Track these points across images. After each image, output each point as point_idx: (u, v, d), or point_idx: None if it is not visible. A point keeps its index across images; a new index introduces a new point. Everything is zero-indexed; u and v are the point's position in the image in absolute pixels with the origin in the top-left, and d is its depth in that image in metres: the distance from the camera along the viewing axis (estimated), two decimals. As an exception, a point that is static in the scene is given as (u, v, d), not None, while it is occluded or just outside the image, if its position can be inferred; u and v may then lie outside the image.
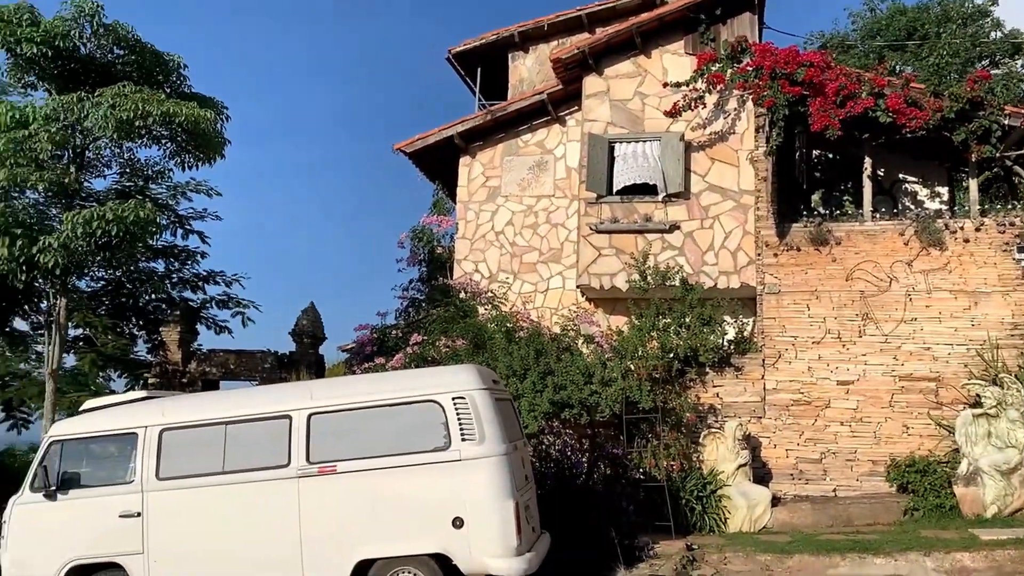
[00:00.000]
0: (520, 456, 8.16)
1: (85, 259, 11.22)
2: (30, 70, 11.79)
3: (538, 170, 14.98)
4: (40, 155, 11.00)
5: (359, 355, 13.92)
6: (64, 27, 11.28)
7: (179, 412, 8.10)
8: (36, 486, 7.94)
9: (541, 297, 14.54)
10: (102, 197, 12.76)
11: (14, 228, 10.62)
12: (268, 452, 7.70)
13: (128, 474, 7.92)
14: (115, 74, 11.79)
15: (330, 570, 7.41)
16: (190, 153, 12.16)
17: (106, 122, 10.82)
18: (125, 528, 7.70)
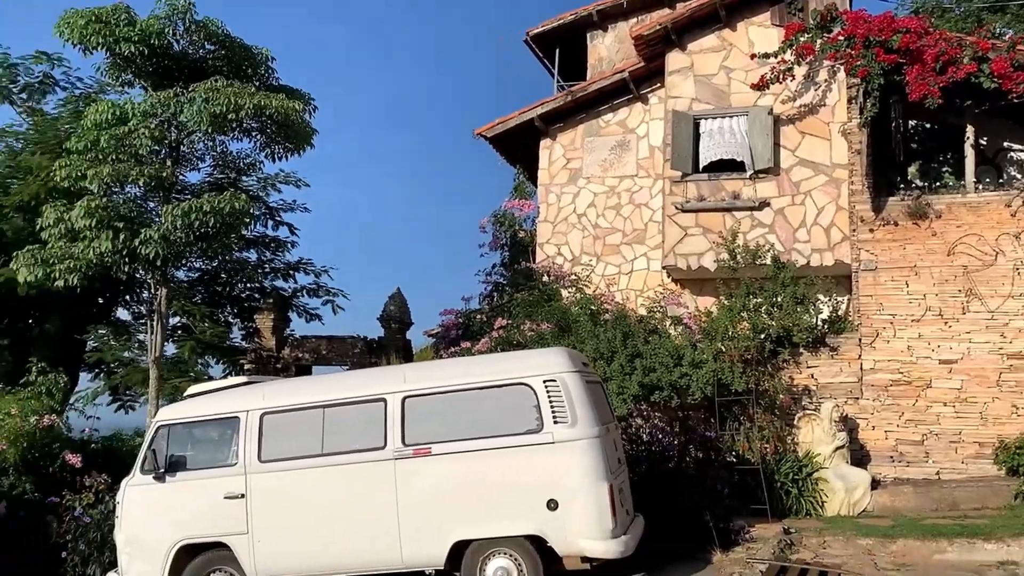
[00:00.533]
0: (612, 439, 8.11)
1: (183, 250, 11.61)
2: (127, 68, 12.21)
3: (620, 150, 14.80)
4: (139, 151, 11.39)
5: (445, 339, 14.07)
6: (158, 25, 11.64)
7: (279, 396, 8.31)
8: (146, 468, 8.26)
9: (625, 279, 14.40)
10: (196, 190, 13.22)
11: (117, 222, 11.06)
12: (364, 434, 7.83)
13: (231, 457, 8.16)
14: (207, 69, 12.11)
15: (427, 550, 7.52)
16: (279, 144, 12.42)
17: (200, 117, 11.13)
18: (230, 509, 7.94)
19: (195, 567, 8.02)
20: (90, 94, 14.64)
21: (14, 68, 14.69)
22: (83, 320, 15.07)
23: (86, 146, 11.30)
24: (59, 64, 14.78)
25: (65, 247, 10.98)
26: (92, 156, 11.32)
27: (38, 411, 11.23)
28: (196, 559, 8.04)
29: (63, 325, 14.53)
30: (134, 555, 8.17)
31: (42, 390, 11.96)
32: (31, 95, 14.94)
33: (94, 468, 10.80)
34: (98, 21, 11.35)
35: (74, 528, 9.82)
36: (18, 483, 10.53)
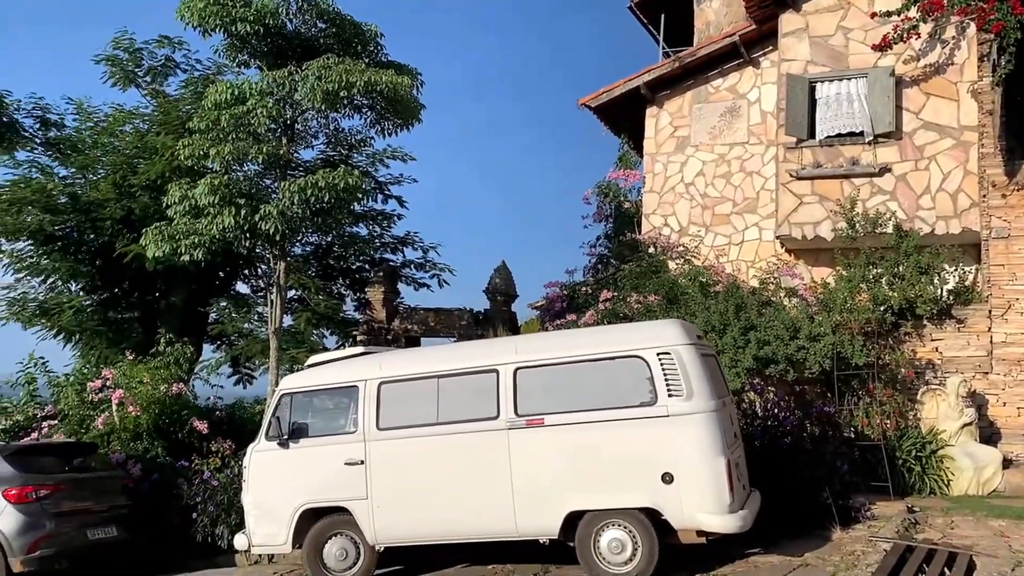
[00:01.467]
0: (728, 413, 7.95)
1: (300, 225, 11.96)
2: (243, 49, 12.58)
3: (730, 116, 14.39)
4: (257, 129, 11.75)
5: (549, 312, 14.08)
6: (272, 5, 11.92)
7: (395, 366, 8.50)
8: (271, 435, 8.59)
9: (736, 250, 14.04)
10: (310, 167, 13.57)
11: (238, 198, 11.47)
12: (478, 404, 7.93)
13: (350, 424, 8.41)
14: (318, 48, 12.37)
15: (541, 520, 7.58)
16: (389, 120, 12.60)
17: (313, 94, 11.38)
18: (350, 475, 8.20)
19: (318, 530, 8.33)
20: (209, 76, 15.18)
21: (139, 53, 15.36)
22: (206, 293, 15.79)
23: (207, 125, 11.73)
24: (180, 47, 15.38)
25: (189, 223, 11.47)
26: (213, 135, 11.75)
27: (167, 380, 11.86)
28: (319, 522, 8.35)
29: (188, 298, 15.27)
30: (261, 517, 8.55)
31: (170, 360, 12.58)
32: (155, 78, 15.61)
33: (219, 434, 11.38)
34: (216, 3, 11.70)
35: (203, 491, 10.36)
36: (151, 447, 11.19)
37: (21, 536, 8.85)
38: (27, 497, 9.00)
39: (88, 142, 15.39)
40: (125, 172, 14.38)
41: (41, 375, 12.60)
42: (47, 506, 9.12)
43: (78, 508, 9.45)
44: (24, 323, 15.14)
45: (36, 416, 11.93)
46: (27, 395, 12.44)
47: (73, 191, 14.70)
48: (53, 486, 9.27)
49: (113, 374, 11.73)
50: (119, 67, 15.25)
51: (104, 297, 15.47)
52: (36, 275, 15.28)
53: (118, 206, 14.35)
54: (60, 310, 15.10)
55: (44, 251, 14.83)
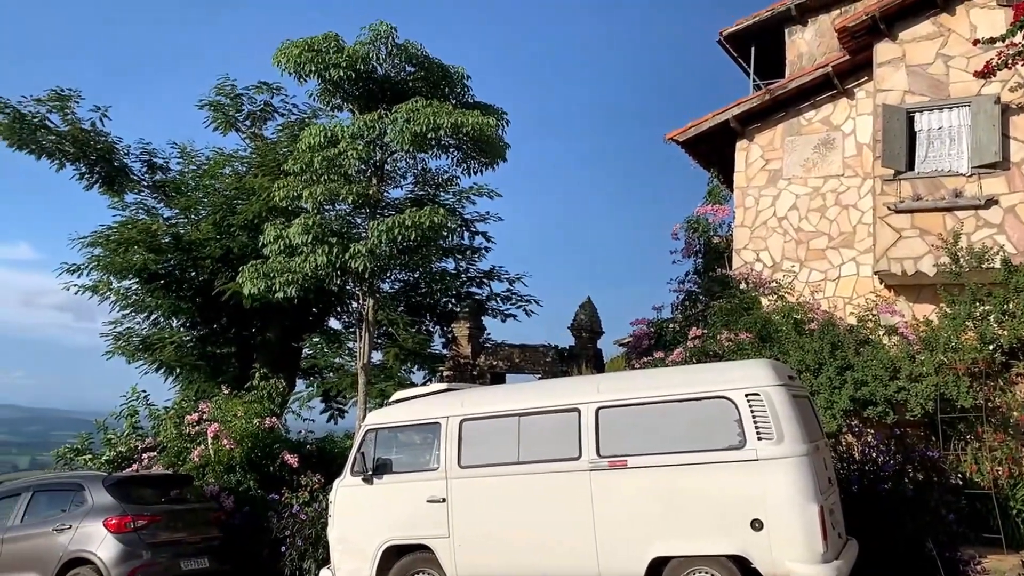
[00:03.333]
0: (822, 457, 7.60)
1: (388, 262, 12.19)
2: (336, 93, 13.01)
3: (824, 149, 13.98)
4: (348, 170, 12.11)
5: (636, 349, 13.85)
6: (363, 51, 12.32)
7: (476, 403, 8.48)
8: (356, 470, 8.67)
9: (832, 286, 13.55)
10: (399, 205, 13.85)
11: (329, 237, 11.80)
12: (559, 444, 7.81)
13: (433, 461, 8.41)
14: (407, 90, 12.68)
15: (625, 564, 7.37)
16: (475, 159, 12.78)
17: (402, 136, 11.64)
18: (432, 512, 8.17)
19: (401, 567, 8.32)
20: (304, 119, 15.74)
21: (239, 98, 16.06)
22: (299, 329, 16.22)
23: (301, 167, 12.14)
24: (277, 93, 16.01)
25: (284, 262, 11.83)
26: (307, 177, 12.15)
27: (261, 414, 12.18)
28: (402, 560, 8.34)
29: (282, 334, 15.71)
30: (345, 553, 8.61)
31: (264, 394, 12.95)
32: (254, 122, 16.29)
33: (309, 468, 11.59)
34: (311, 50, 12.17)
35: (292, 524, 10.54)
36: (244, 480, 11.47)
37: (119, 565, 9.17)
38: (126, 527, 9.34)
39: (191, 184, 16.14)
40: (224, 212, 15.00)
41: (143, 408, 13.15)
42: (144, 536, 9.44)
43: (173, 539, 9.75)
44: (128, 357, 15.85)
45: (137, 448, 12.43)
46: (129, 427, 12.98)
47: (176, 231, 15.41)
48: (150, 516, 9.59)
49: (209, 408, 12.13)
50: (221, 112, 15.98)
51: (203, 333, 16.09)
52: (140, 311, 16.03)
53: (218, 245, 14.96)
54: (162, 345, 15.77)
55: (148, 288, 15.55)
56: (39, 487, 10.39)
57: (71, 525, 9.46)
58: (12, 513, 10.02)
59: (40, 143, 15.12)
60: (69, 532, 9.43)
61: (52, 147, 15.26)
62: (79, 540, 9.35)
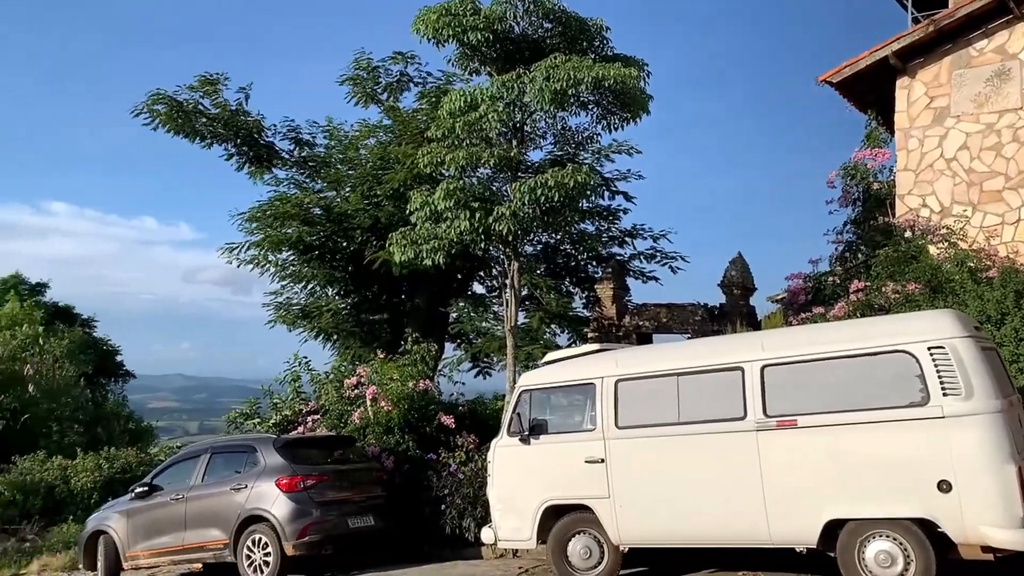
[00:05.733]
0: (1016, 414, 6.99)
1: (531, 225, 12.12)
2: (474, 57, 12.97)
3: (998, 81, 12.76)
4: (489, 134, 12.07)
5: (792, 305, 13.25)
6: (500, 10, 12.20)
7: (632, 363, 8.32)
8: (512, 431, 8.72)
9: (1011, 230, 12.42)
10: (538, 167, 13.73)
11: (472, 202, 11.83)
12: (722, 404, 7.57)
13: (589, 422, 8.35)
14: (545, 48, 12.47)
15: (797, 528, 7.08)
16: (615, 115, 12.46)
17: (542, 95, 11.47)
18: (590, 473, 8.13)
19: (561, 527, 8.33)
20: (440, 86, 15.84)
21: (376, 71, 16.33)
22: (446, 295, 16.52)
23: (443, 133, 12.21)
24: (412, 62, 16.17)
25: (430, 228, 11.98)
26: (449, 142, 12.21)
27: (414, 377, 12.49)
28: (561, 519, 8.35)
29: (430, 300, 16.05)
30: (505, 512, 8.71)
31: (416, 358, 13.24)
32: (391, 93, 16.54)
33: (463, 429, 11.80)
34: (448, 14, 12.15)
35: (450, 483, 10.78)
36: (402, 441, 11.80)
37: (292, 522, 9.64)
38: (296, 486, 9.81)
39: (337, 158, 16.61)
40: (371, 183, 15.37)
41: (304, 373, 13.74)
42: (313, 495, 9.88)
43: (340, 498, 10.16)
44: (289, 325, 16.64)
45: (301, 411, 13.01)
46: (293, 392, 13.61)
47: (326, 203, 15.94)
48: (318, 476, 10.03)
49: (367, 372, 12.53)
50: (360, 86, 16.30)
51: (356, 300, 16.66)
52: (298, 282, 16.75)
53: (366, 215, 15.37)
54: (319, 313, 16.45)
55: (304, 260, 16.20)
56: (216, 449, 11.06)
57: (247, 485, 10.01)
58: (194, 473, 10.72)
59: (195, 128, 15.88)
60: (245, 491, 9.99)
61: (205, 130, 16.01)
62: (255, 499, 9.89)
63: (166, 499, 10.70)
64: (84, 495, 14.52)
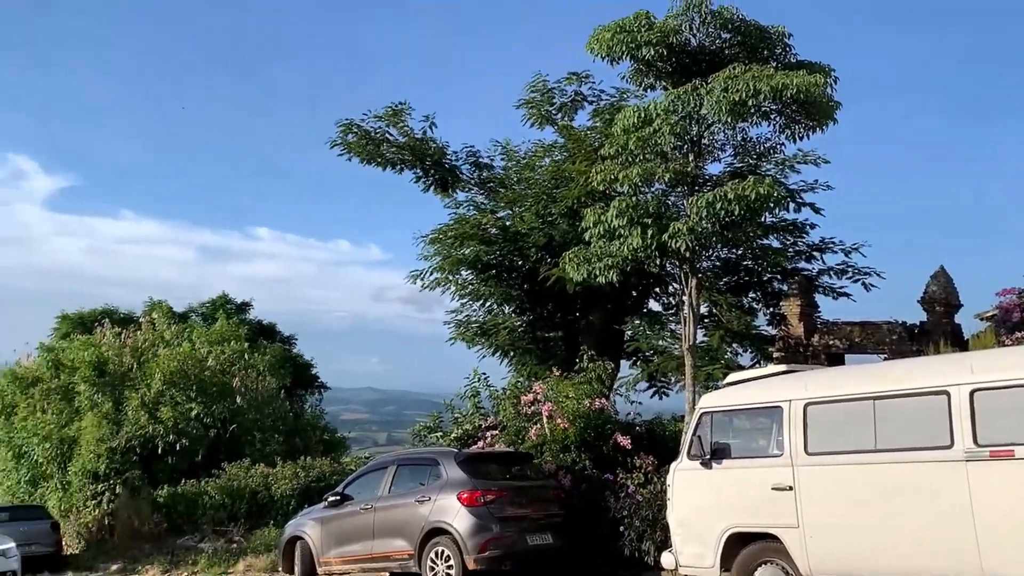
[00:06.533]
0: None
1: (709, 240, 11.78)
2: (648, 72, 12.84)
3: None
4: (663, 148, 11.87)
5: (1004, 323, 12.13)
6: (675, 23, 12.00)
7: (822, 386, 7.88)
8: (692, 454, 8.47)
9: None
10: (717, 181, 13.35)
11: (645, 219, 11.66)
12: (924, 431, 7.01)
13: (775, 447, 7.98)
14: (723, 58, 12.13)
15: (1019, 567, 6.39)
16: (800, 124, 11.93)
17: (719, 106, 11.14)
18: (778, 501, 7.73)
19: (747, 556, 7.98)
20: (614, 103, 15.78)
21: (551, 92, 16.52)
22: (620, 312, 16.38)
23: (616, 151, 12.13)
24: (585, 81, 16.20)
25: (604, 246, 11.91)
26: (622, 159, 12.12)
27: (590, 395, 12.45)
28: (746, 548, 8.01)
29: (604, 317, 15.98)
30: (686, 538, 8.46)
31: (592, 376, 13.19)
32: (566, 113, 16.66)
33: (640, 449, 11.61)
34: (622, 31, 12.10)
35: (628, 505, 10.63)
36: (579, 459, 11.78)
37: (473, 536, 9.81)
38: (477, 501, 9.98)
39: (513, 179, 16.95)
40: (545, 202, 15.55)
41: (483, 389, 14.06)
42: (493, 510, 10.02)
43: (519, 514, 10.25)
44: (468, 342, 17.13)
45: (481, 426, 13.30)
46: (473, 407, 13.95)
47: (502, 223, 16.29)
48: (498, 492, 10.17)
49: (543, 389, 12.62)
50: (535, 108, 16.53)
51: (532, 318, 16.89)
52: (476, 300, 17.23)
53: (540, 233, 15.55)
54: (496, 330, 16.81)
55: (482, 279, 16.63)
56: (402, 461, 11.50)
57: (430, 497, 10.31)
58: (381, 484, 11.18)
59: (383, 155, 16.69)
60: (429, 504, 10.29)
61: (393, 157, 16.79)
62: (437, 511, 10.16)
63: (356, 508, 11.21)
64: (283, 501, 15.51)
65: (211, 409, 18.55)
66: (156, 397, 18.37)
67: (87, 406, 18.56)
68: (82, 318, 26.38)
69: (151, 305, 26.30)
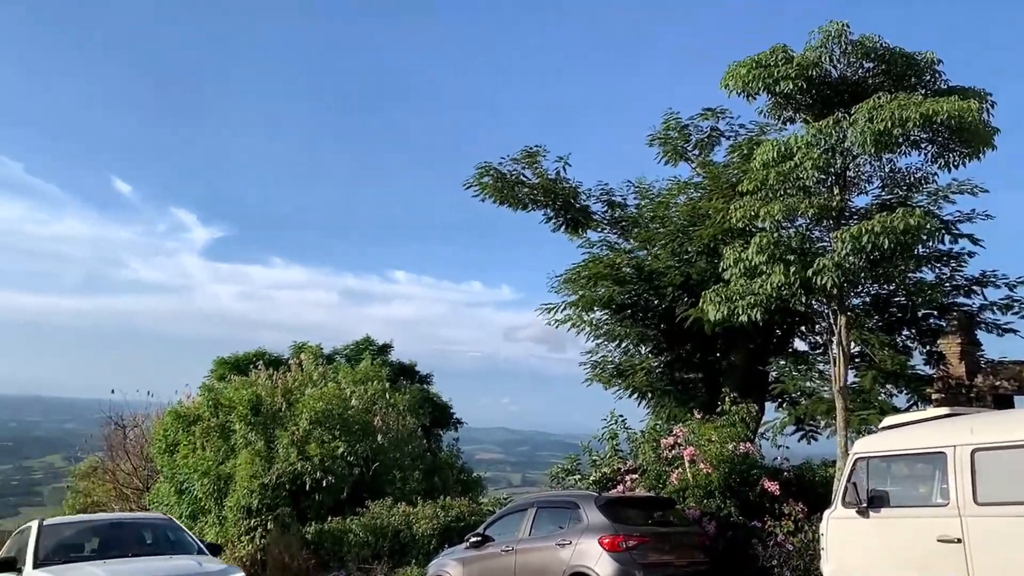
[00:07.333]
0: None
1: (857, 276, 11.29)
2: (787, 106, 12.58)
3: None
4: (806, 182, 11.53)
5: None
6: (814, 56, 11.73)
7: (992, 430, 7.33)
8: (847, 502, 8.06)
9: None
10: (864, 214, 12.81)
11: (788, 255, 11.31)
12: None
13: (939, 495, 7.47)
14: (866, 88, 11.75)
15: None
16: (953, 152, 11.32)
17: (864, 137, 10.78)
18: (944, 554, 7.21)
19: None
20: (752, 138, 15.47)
21: (686, 129, 16.39)
22: (764, 352, 15.84)
23: (756, 186, 11.88)
24: (722, 117, 15.99)
25: (745, 284, 11.62)
26: (762, 195, 11.85)
27: (734, 438, 12.05)
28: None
29: (747, 358, 15.50)
30: (842, 589, 8.00)
31: (735, 419, 12.79)
32: (702, 149, 16.47)
33: (789, 496, 11.13)
34: (758, 66, 11.92)
35: (778, 554, 10.19)
36: (723, 505, 11.39)
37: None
38: (619, 546, 9.79)
39: (647, 217, 16.83)
40: (681, 240, 15.35)
41: (621, 431, 13.87)
42: (636, 556, 9.80)
43: (662, 560, 9.99)
44: (604, 383, 16.97)
45: (619, 469, 13.10)
46: (611, 450, 13.78)
47: (637, 262, 16.16)
48: (640, 537, 9.95)
49: (683, 432, 12.34)
50: (670, 145, 16.44)
51: (670, 359, 16.60)
52: (611, 340, 17.09)
53: (676, 272, 15.34)
54: (633, 371, 16.59)
55: (616, 319, 16.50)
56: (541, 504, 11.46)
57: (571, 541, 10.20)
58: (521, 526, 11.17)
59: (517, 196, 17.00)
60: (569, 548, 10.17)
61: (526, 198, 17.07)
62: (578, 556, 10.03)
63: (497, 550, 11.24)
64: (424, 540, 15.73)
65: (354, 448, 19.13)
66: (304, 435, 19.15)
67: (242, 444, 19.54)
68: (237, 361, 27.93)
69: (298, 347, 27.57)
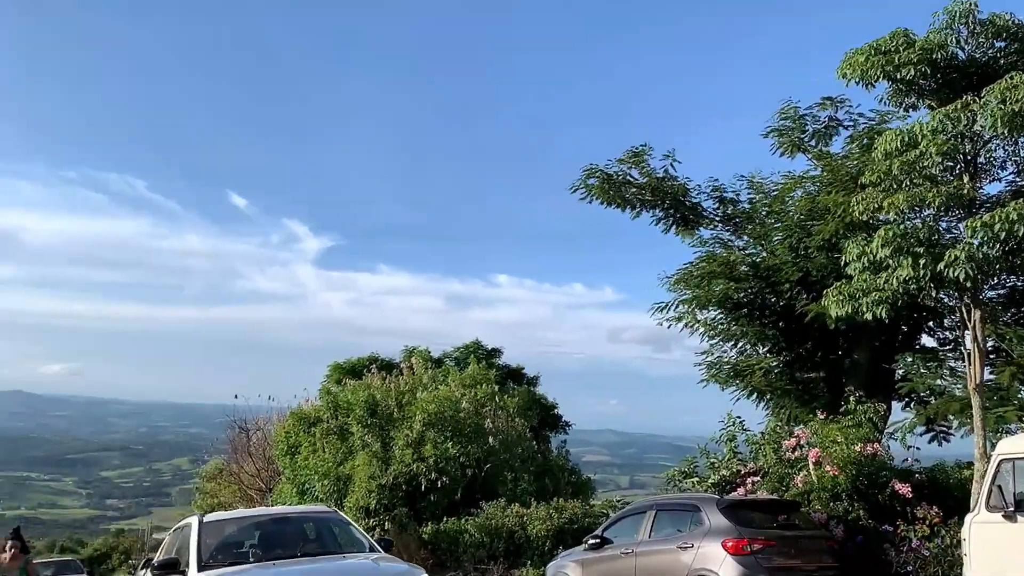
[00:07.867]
0: None
1: (992, 267, 10.68)
2: (909, 92, 12.03)
3: None
4: (932, 171, 11.00)
5: None
6: (939, 38, 11.18)
7: None
8: (992, 505, 7.69)
9: None
10: (997, 201, 12.14)
11: (916, 247, 10.79)
12: None
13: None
14: (997, 69, 11.12)
15: None
16: (1101, 131, 10.54)
17: (996, 120, 10.19)
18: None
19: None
20: (872, 127, 14.88)
21: (803, 119, 15.89)
22: (890, 349, 15.17)
23: (878, 177, 11.40)
24: (841, 106, 15.41)
25: (869, 279, 11.16)
26: (885, 186, 11.36)
27: (860, 439, 11.61)
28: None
29: (871, 355, 14.89)
30: (988, 599, 7.60)
31: (861, 419, 12.31)
32: (819, 140, 15.92)
33: (922, 499, 10.65)
34: (877, 53, 11.45)
35: (913, 560, 9.77)
36: (851, 509, 10.99)
37: (741, 586, 9.39)
38: (743, 550, 9.58)
39: (761, 212, 16.40)
40: (799, 235, 14.89)
41: (739, 433, 13.56)
42: (761, 560, 9.56)
43: (788, 565, 9.71)
44: (720, 384, 16.60)
45: (739, 472, 12.81)
46: (729, 452, 13.49)
47: (752, 259, 15.77)
48: (765, 541, 9.70)
49: (806, 433, 11.97)
50: (786, 137, 15.97)
51: (789, 358, 16.10)
52: (727, 340, 16.71)
53: (794, 268, 14.89)
54: (751, 371, 16.18)
55: (732, 317, 16.14)
56: (660, 506, 11.33)
57: (692, 544, 10.04)
58: (641, 529, 11.07)
59: (624, 197, 16.85)
60: (692, 551, 10.02)
61: (633, 198, 16.90)
62: (701, 559, 9.86)
63: (616, 552, 11.18)
64: (539, 542, 15.82)
65: (467, 449, 19.41)
66: (418, 437, 19.56)
67: (359, 445, 20.13)
68: (352, 365, 28.80)
69: (409, 351, 28.18)
